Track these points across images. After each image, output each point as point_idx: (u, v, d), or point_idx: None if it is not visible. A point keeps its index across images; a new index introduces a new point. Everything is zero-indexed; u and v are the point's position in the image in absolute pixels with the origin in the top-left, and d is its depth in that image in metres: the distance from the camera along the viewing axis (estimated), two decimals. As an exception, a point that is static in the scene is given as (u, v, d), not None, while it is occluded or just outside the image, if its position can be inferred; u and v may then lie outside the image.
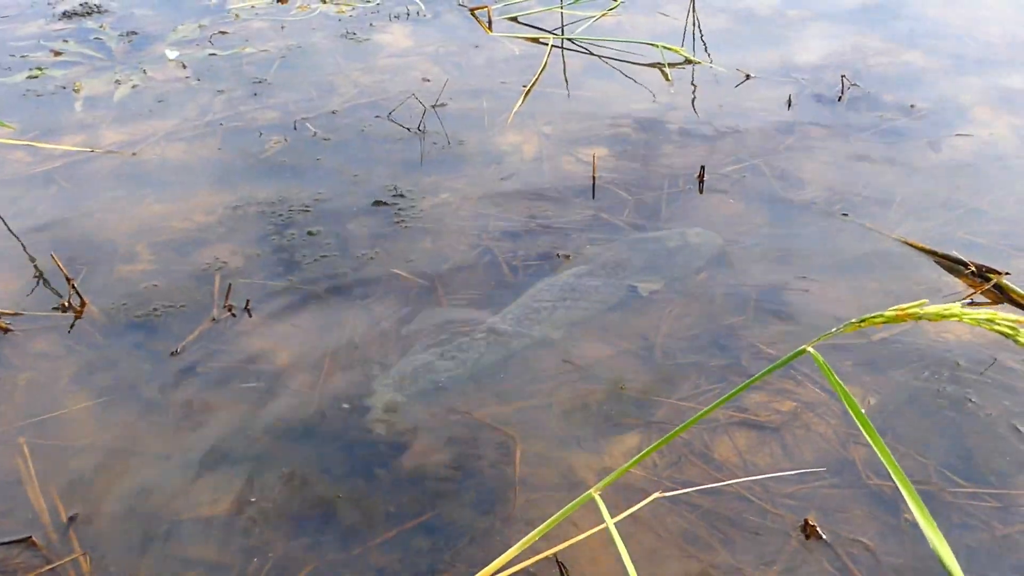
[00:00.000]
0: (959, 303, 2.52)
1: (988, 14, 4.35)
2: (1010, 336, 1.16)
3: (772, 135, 3.44)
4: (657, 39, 4.10)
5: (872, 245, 2.87)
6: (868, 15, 4.37)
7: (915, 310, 1.19)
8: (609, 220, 3.01)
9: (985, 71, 3.84)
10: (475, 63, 4.00)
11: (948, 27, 4.22)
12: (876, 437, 1.24)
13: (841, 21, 4.31)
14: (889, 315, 1.20)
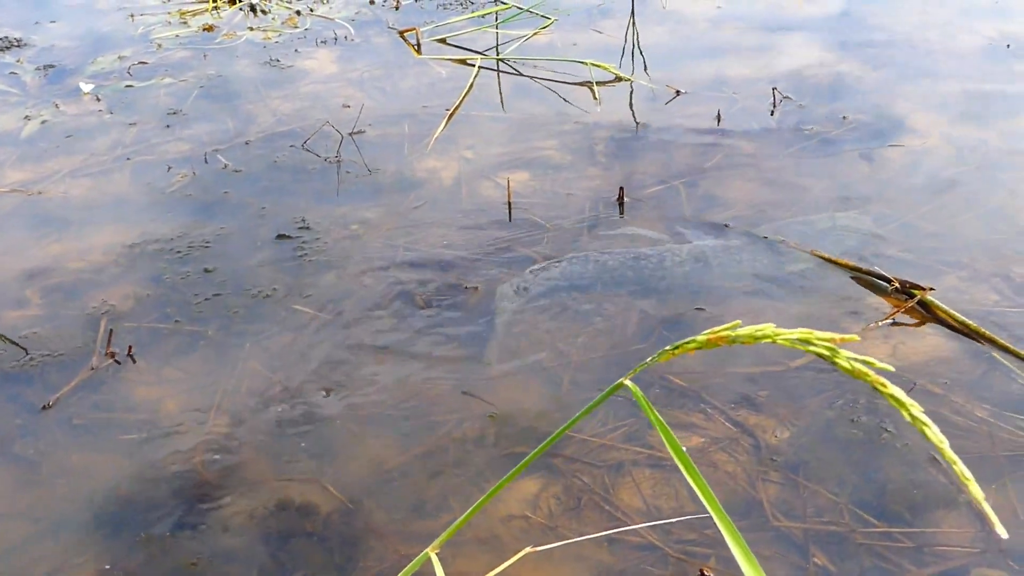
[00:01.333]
0: (879, 322, 2.40)
1: (930, 21, 4.24)
2: (828, 358, 1.02)
3: (699, 153, 3.32)
4: (591, 56, 3.99)
5: (794, 265, 2.73)
6: (806, 26, 4.26)
7: (727, 333, 1.05)
8: (524, 250, 2.87)
9: (923, 80, 3.73)
10: (400, 87, 3.88)
11: (887, 36, 4.11)
12: (697, 477, 1.10)
13: (778, 33, 4.20)
14: (701, 340, 1.07)
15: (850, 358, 1.04)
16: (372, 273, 2.78)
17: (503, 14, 4.47)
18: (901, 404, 1.03)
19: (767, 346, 2.36)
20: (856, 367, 1.04)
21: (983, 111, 3.49)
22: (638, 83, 3.81)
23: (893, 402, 1.03)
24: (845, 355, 1.04)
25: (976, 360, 2.38)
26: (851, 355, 1.04)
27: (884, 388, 1.03)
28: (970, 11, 4.33)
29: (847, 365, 1.04)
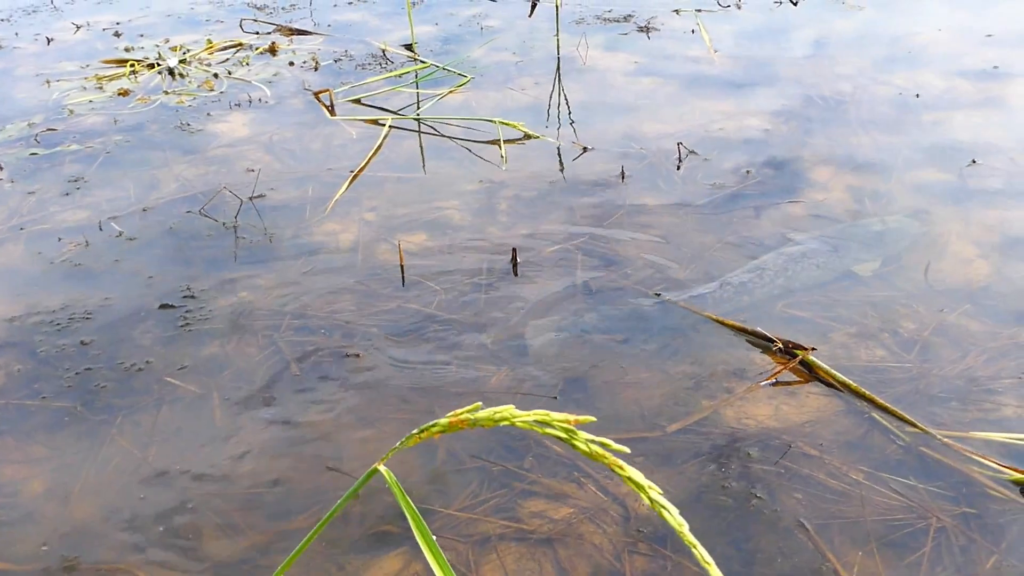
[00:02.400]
0: (761, 383, 2.35)
1: (842, 72, 4.25)
2: (566, 440, 0.98)
3: (601, 211, 3.28)
4: (505, 115, 3.97)
5: (686, 325, 2.69)
6: (719, 81, 4.26)
7: (467, 416, 1.01)
8: (417, 309, 2.82)
9: (832, 132, 3.72)
10: (310, 149, 3.84)
11: (799, 89, 4.12)
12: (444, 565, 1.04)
13: (691, 87, 4.20)
14: (444, 423, 1.02)
15: (587, 440, 1.01)
16: (254, 342, 2.72)
17: (420, 73, 4.46)
18: (640, 487, 1.00)
19: (647, 410, 2.31)
20: (593, 449, 1.01)
21: (888, 163, 3.48)
22: (547, 141, 3.78)
23: (631, 484, 1.00)
24: (583, 437, 1.01)
25: (856, 420, 2.34)
26: (589, 437, 1.01)
27: (621, 471, 1.00)
28: (883, 62, 4.35)
29: (585, 448, 1.01)
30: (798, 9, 5.08)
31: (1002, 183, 3.32)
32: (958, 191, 3.30)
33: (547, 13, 5.27)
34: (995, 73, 4.17)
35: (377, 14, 5.39)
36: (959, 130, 3.68)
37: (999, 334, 2.62)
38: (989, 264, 2.93)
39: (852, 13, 4.98)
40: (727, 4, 5.17)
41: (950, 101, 3.92)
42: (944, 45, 4.50)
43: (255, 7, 5.59)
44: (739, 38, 4.73)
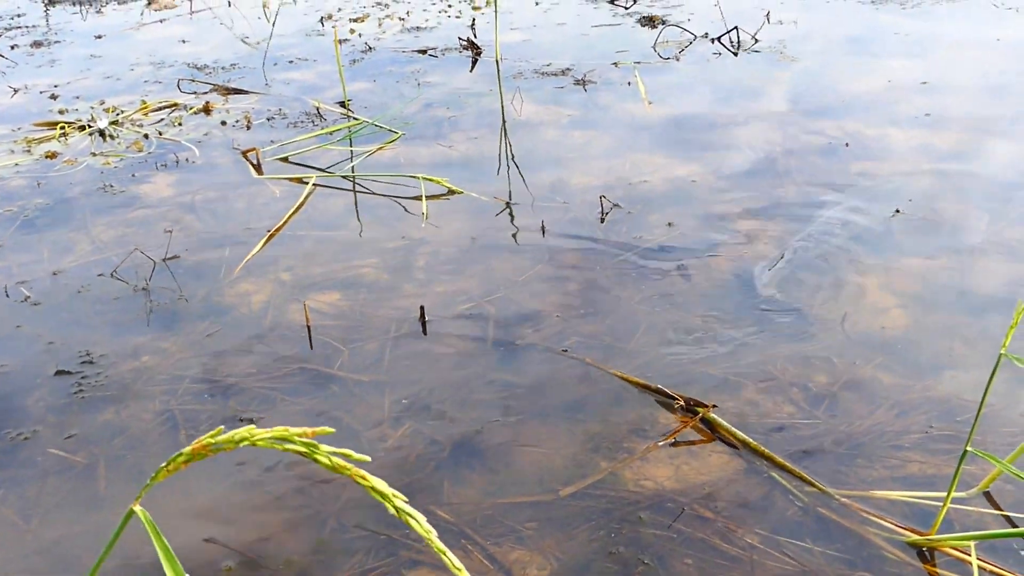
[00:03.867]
0: (660, 442, 2.28)
1: (773, 122, 4.23)
2: (307, 455, 0.93)
3: (518, 267, 3.23)
4: (436, 170, 3.93)
5: (591, 383, 2.63)
6: (651, 131, 4.23)
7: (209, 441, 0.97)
8: (319, 370, 2.75)
9: (757, 182, 3.69)
10: (233, 209, 3.79)
11: (729, 140, 4.09)
12: None
13: (624, 139, 4.17)
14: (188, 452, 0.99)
15: (329, 453, 0.96)
16: (149, 408, 2.63)
17: (351, 129, 4.42)
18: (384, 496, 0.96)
19: (544, 473, 2.23)
20: (336, 462, 0.96)
21: (812, 213, 3.44)
22: (471, 196, 3.73)
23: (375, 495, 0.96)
24: (324, 450, 0.97)
25: (756, 480, 2.27)
26: (331, 450, 0.96)
27: (364, 481, 0.95)
28: (815, 112, 4.33)
29: (327, 461, 0.97)
30: (736, 61, 5.08)
31: (925, 232, 3.28)
32: (881, 240, 3.26)
33: (486, 68, 5.25)
34: (926, 121, 4.15)
35: (317, 73, 5.37)
36: (886, 179, 3.64)
37: (911, 387, 2.56)
38: (907, 314, 2.88)
39: (788, 64, 4.98)
40: (666, 56, 5.17)
41: (880, 150, 3.90)
42: (877, 94, 4.49)
43: (195, 67, 5.56)
44: (675, 90, 4.72)
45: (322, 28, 6.24)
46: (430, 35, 5.90)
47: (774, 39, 5.34)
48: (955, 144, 3.89)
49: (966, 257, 3.13)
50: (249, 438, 0.99)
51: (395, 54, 5.60)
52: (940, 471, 2.28)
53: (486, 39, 5.61)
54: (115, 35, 6.42)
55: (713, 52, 5.21)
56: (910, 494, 2.19)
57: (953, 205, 3.44)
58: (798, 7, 5.97)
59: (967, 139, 3.93)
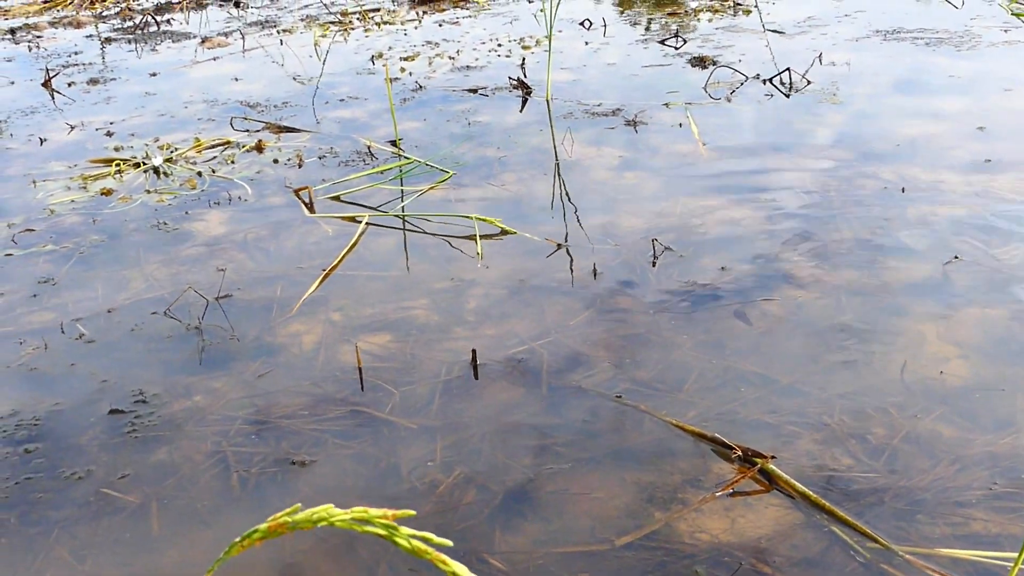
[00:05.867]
0: (717, 493, 2.24)
1: (828, 166, 4.19)
2: (387, 537, 0.93)
3: (569, 310, 3.21)
4: (486, 210, 3.93)
5: (645, 430, 2.60)
6: (705, 174, 4.21)
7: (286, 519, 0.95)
8: (371, 414, 2.74)
9: (813, 227, 3.64)
10: (285, 247, 3.81)
11: (783, 182, 4.06)
12: None
13: (676, 181, 4.15)
14: (263, 529, 0.97)
15: (409, 536, 0.94)
16: (201, 449, 2.64)
17: (402, 168, 4.44)
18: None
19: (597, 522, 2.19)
20: (416, 545, 0.94)
21: (869, 259, 3.40)
22: (523, 236, 3.73)
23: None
24: (404, 532, 0.95)
25: (815, 534, 2.22)
26: (411, 532, 0.95)
27: (445, 566, 0.93)
28: (870, 156, 4.29)
29: (406, 544, 0.95)
30: (788, 102, 5.05)
31: (983, 280, 3.22)
32: (940, 287, 3.20)
33: (537, 108, 5.26)
34: (985, 166, 4.09)
35: (368, 111, 5.41)
36: (943, 224, 3.59)
37: (972, 441, 2.50)
38: (967, 364, 2.83)
39: (841, 106, 4.94)
40: (718, 97, 5.15)
41: (936, 195, 3.84)
42: (933, 138, 4.43)
43: (248, 105, 5.62)
44: (727, 131, 4.70)
45: (372, 66, 6.29)
46: (480, 74, 5.93)
47: (826, 80, 5.31)
48: (1012, 190, 3.83)
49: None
50: (327, 518, 0.98)
51: (445, 93, 5.63)
52: (1005, 529, 2.22)
53: (536, 78, 5.63)
54: (169, 72, 6.52)
55: (765, 93, 5.19)
56: (977, 553, 2.13)
57: (1012, 252, 3.37)
58: (850, 48, 5.94)
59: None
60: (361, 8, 8.13)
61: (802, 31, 6.44)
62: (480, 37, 6.88)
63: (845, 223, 3.65)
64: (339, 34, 7.30)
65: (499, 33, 6.96)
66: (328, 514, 0.96)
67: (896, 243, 3.49)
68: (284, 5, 8.52)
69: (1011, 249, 3.39)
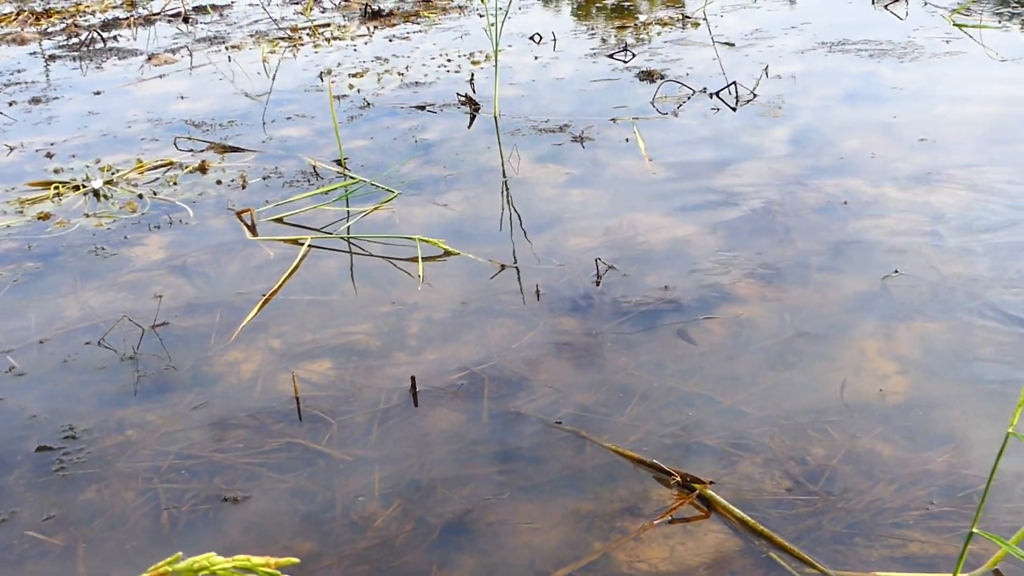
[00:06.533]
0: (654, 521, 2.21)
1: (771, 180, 4.19)
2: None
3: (512, 333, 3.18)
4: (431, 230, 3.89)
5: (586, 456, 2.57)
6: (649, 190, 4.19)
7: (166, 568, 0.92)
8: (307, 445, 2.69)
9: (754, 241, 3.64)
10: (225, 272, 3.74)
11: (724, 198, 4.05)
12: None
13: (622, 198, 4.13)
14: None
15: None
16: (132, 487, 2.57)
17: (346, 189, 4.39)
18: None
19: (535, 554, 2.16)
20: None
21: (809, 274, 3.39)
22: (467, 257, 3.69)
23: None
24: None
25: (754, 561, 2.20)
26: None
27: None
28: (813, 169, 4.29)
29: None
30: (734, 116, 5.06)
31: (923, 293, 3.22)
32: (880, 302, 3.20)
33: (485, 124, 5.24)
34: (926, 178, 4.11)
35: (315, 129, 5.36)
36: (885, 238, 3.59)
37: (911, 460, 2.50)
38: (907, 380, 2.83)
39: (786, 119, 4.95)
40: (665, 111, 5.15)
41: (878, 208, 3.85)
42: (876, 150, 4.45)
43: (193, 124, 5.55)
44: (673, 146, 4.69)
45: (321, 83, 6.24)
46: (429, 90, 5.90)
47: (773, 93, 5.33)
48: (953, 203, 3.85)
49: (965, 320, 3.07)
50: (208, 567, 0.94)
51: (393, 110, 5.59)
52: (941, 550, 2.22)
53: (485, 94, 5.60)
54: (114, 91, 6.43)
55: (712, 107, 5.19)
56: (913, 575, 2.12)
57: (951, 265, 3.38)
58: (796, 60, 5.96)
59: (965, 198, 3.88)
60: (311, 23, 8.07)
61: (749, 43, 6.46)
62: (430, 52, 6.84)
63: (788, 238, 3.65)
64: (288, 50, 7.24)
65: (449, 48, 6.93)
66: (210, 562, 0.93)
67: (838, 258, 3.49)
68: (233, 21, 8.45)
69: (950, 262, 3.40)
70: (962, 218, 3.72)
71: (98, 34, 8.00)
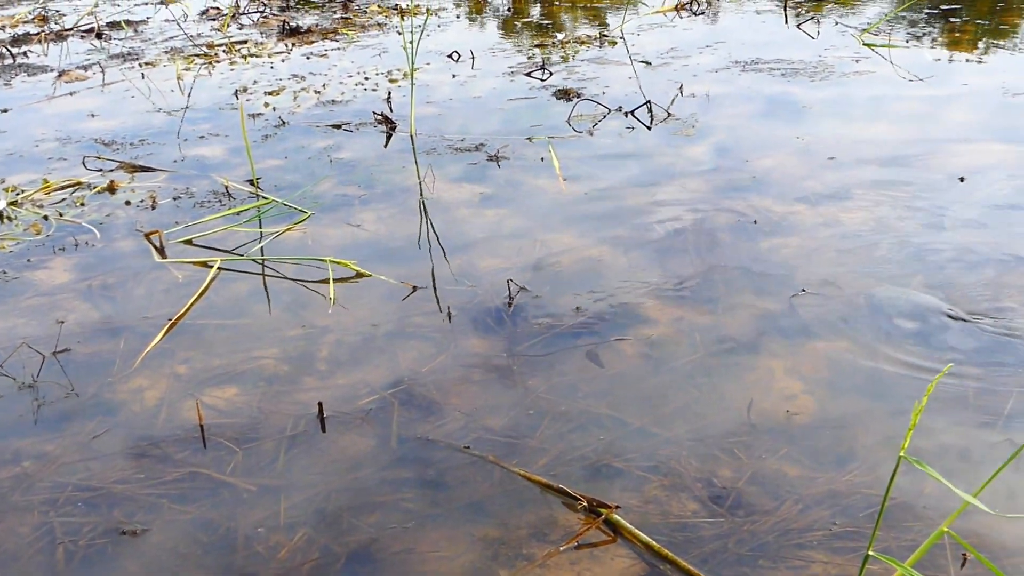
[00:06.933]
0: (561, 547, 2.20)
1: (683, 198, 4.22)
2: None
3: (422, 356, 3.15)
4: (344, 252, 3.85)
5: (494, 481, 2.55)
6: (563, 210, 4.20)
7: None
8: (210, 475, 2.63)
9: (667, 262, 3.66)
10: (132, 296, 3.66)
11: (640, 220, 4.07)
12: None
13: (536, 218, 4.13)
14: None
15: None
16: (27, 521, 2.49)
17: (259, 209, 4.33)
18: None
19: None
20: None
21: (718, 293, 3.42)
22: (380, 279, 3.66)
23: None
24: None
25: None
26: None
27: None
28: (725, 188, 4.34)
29: None
30: (649, 135, 5.10)
31: (828, 312, 3.27)
32: (788, 321, 3.24)
33: (401, 144, 5.21)
34: (834, 196, 4.18)
35: (228, 148, 5.29)
36: (793, 257, 3.64)
37: (816, 479, 2.53)
38: (812, 400, 2.86)
39: (700, 139, 5.00)
40: (580, 130, 5.17)
41: (787, 227, 3.91)
42: (786, 169, 4.52)
43: (103, 143, 5.44)
44: (588, 165, 4.71)
45: (236, 101, 6.16)
46: (345, 109, 5.86)
47: (687, 113, 5.38)
48: (861, 221, 3.92)
49: (871, 337, 3.12)
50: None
51: (309, 128, 5.53)
52: (844, 571, 2.24)
53: (402, 113, 5.58)
54: (22, 108, 6.28)
55: (627, 126, 5.23)
56: (813, 600, 2.13)
57: (857, 283, 3.44)
58: (711, 80, 6.04)
59: (873, 216, 3.96)
60: (228, 40, 7.97)
61: (665, 62, 6.53)
62: (348, 70, 6.80)
63: (699, 258, 3.68)
64: (204, 67, 7.14)
65: (367, 66, 6.89)
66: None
67: (746, 277, 3.52)
68: (148, 37, 8.31)
69: (856, 281, 3.45)
70: (869, 236, 3.78)
71: (7, 49, 7.82)
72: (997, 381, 2.88)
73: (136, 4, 9.75)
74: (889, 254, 3.64)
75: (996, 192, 4.16)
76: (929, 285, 3.41)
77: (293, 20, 8.41)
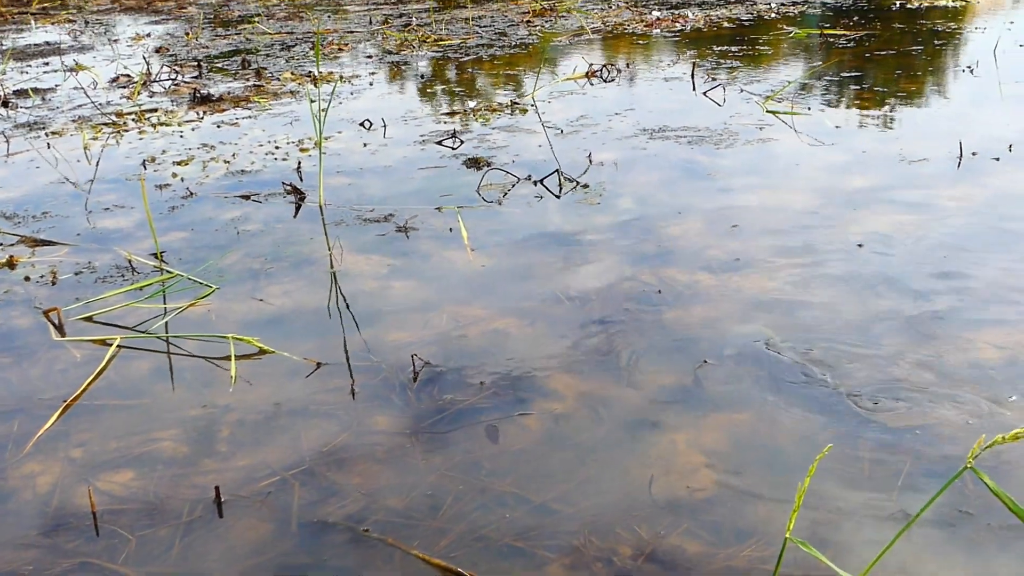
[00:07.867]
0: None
1: (592, 269, 4.27)
2: None
3: (325, 435, 3.12)
4: (248, 328, 3.80)
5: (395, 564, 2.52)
6: (471, 282, 4.21)
7: None
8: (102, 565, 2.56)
9: (572, 333, 3.68)
10: (27, 377, 3.58)
11: (549, 290, 4.10)
12: None
13: (444, 290, 4.14)
14: None
15: None
16: (-96, 621, 2.39)
17: (162, 284, 4.27)
18: None
19: None
20: None
21: (622, 367, 3.45)
22: (282, 355, 3.62)
23: None
24: None
25: (556, 671, 2.17)
26: None
27: None
28: (631, 258, 4.40)
29: None
30: (558, 203, 5.15)
31: (732, 382, 3.31)
32: (690, 393, 3.27)
33: (310, 214, 5.19)
34: (736, 265, 4.26)
35: (134, 221, 5.22)
36: (696, 327, 3.69)
37: (715, 555, 2.54)
38: (714, 473, 2.88)
39: (607, 207, 5.07)
40: (490, 200, 5.21)
41: (690, 296, 3.96)
42: (691, 238, 4.60)
43: (4, 216, 5.34)
44: (497, 236, 4.75)
45: (144, 171, 6.10)
46: (254, 179, 5.83)
47: (595, 181, 5.46)
48: (762, 289, 3.99)
49: (772, 411, 3.17)
50: None
51: (217, 199, 5.50)
52: (742, 649, 2.24)
53: (312, 183, 5.57)
54: (-79, 181, 6.13)
55: (536, 195, 5.29)
56: None
57: (757, 353, 3.50)
58: (619, 148, 6.14)
59: (775, 284, 4.04)
60: (138, 108, 7.91)
61: (575, 129, 6.63)
62: (258, 139, 6.78)
63: (604, 330, 3.72)
64: (112, 136, 7.06)
65: (278, 135, 6.88)
66: None
67: (650, 348, 3.56)
68: (56, 105, 8.21)
69: (758, 351, 3.51)
70: (771, 304, 3.85)
71: (-93, 119, 7.64)
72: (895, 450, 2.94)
73: (45, 72, 9.65)
74: (789, 321, 3.71)
75: (890, 260, 4.28)
76: (830, 354, 3.48)
77: (205, 88, 8.38)
